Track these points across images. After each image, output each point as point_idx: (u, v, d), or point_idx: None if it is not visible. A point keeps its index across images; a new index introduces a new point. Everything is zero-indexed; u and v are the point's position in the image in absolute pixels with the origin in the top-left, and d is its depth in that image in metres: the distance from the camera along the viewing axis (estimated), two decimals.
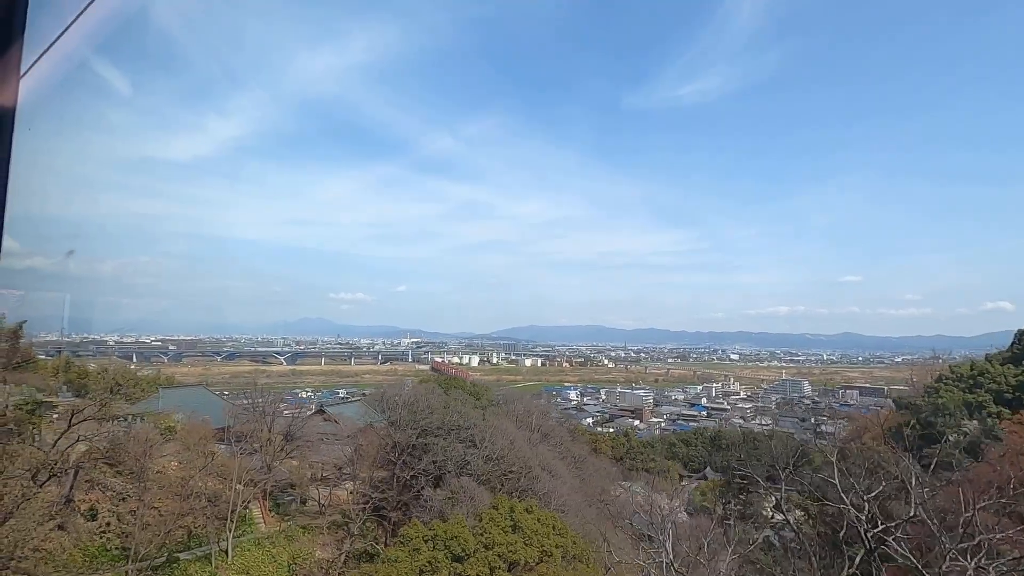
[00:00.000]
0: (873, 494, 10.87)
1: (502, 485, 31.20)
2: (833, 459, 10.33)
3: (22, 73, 2.07)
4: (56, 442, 17.84)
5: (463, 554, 20.93)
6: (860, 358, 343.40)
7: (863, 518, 10.38)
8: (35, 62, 2.23)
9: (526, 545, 21.64)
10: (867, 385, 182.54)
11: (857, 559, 11.34)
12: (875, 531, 10.30)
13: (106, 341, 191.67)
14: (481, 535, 21.97)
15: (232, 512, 27.53)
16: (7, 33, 1.99)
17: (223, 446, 33.88)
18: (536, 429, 41.99)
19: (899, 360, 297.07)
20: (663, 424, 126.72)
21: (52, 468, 16.50)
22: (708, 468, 79.43)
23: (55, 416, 31.54)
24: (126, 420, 32.62)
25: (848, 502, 10.40)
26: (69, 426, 18.08)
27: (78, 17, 2.36)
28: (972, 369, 43.66)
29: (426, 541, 21.53)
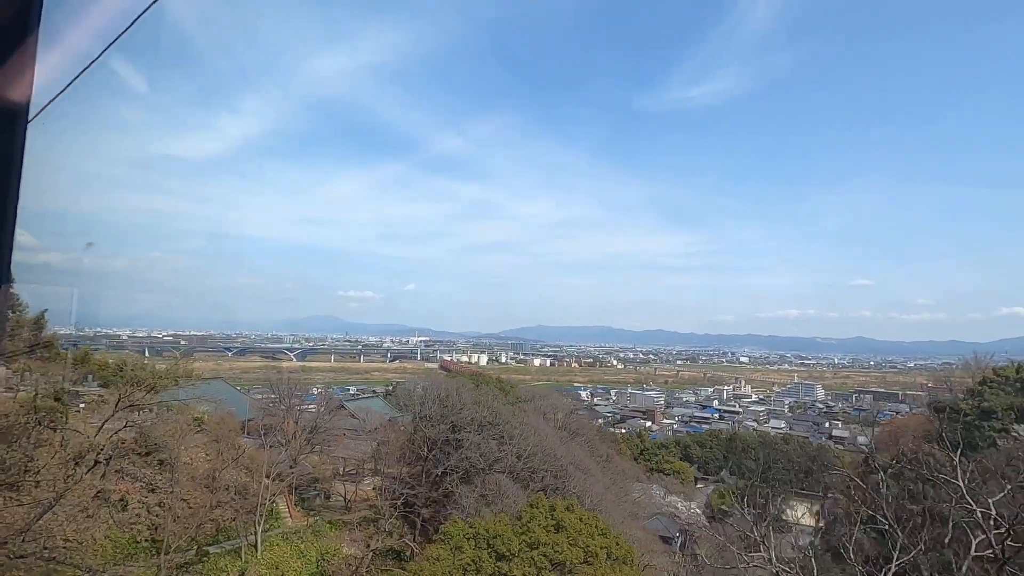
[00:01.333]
0: (998, 498, 10.03)
1: (532, 482, 30.44)
2: (956, 459, 9.53)
3: (36, 69, 1.99)
4: (100, 429, 17.35)
5: (507, 553, 20.22)
6: (872, 363, 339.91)
7: (992, 525, 9.54)
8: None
9: (571, 545, 20.88)
10: (881, 390, 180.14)
11: (964, 567, 10.51)
12: (1007, 540, 9.44)
13: (119, 335, 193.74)
14: (523, 534, 21.23)
15: (260, 506, 27.02)
16: (22, 28, 1.93)
17: (247, 439, 33.43)
18: (564, 426, 41.27)
19: (912, 365, 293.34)
20: (675, 426, 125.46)
21: (96, 455, 16.00)
22: (725, 471, 78.18)
23: (81, 406, 31.18)
24: (151, 411, 32.23)
25: (975, 506, 9.56)
26: (115, 411, 17.58)
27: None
28: (1019, 372, 42.21)
29: (468, 539, 20.84)
